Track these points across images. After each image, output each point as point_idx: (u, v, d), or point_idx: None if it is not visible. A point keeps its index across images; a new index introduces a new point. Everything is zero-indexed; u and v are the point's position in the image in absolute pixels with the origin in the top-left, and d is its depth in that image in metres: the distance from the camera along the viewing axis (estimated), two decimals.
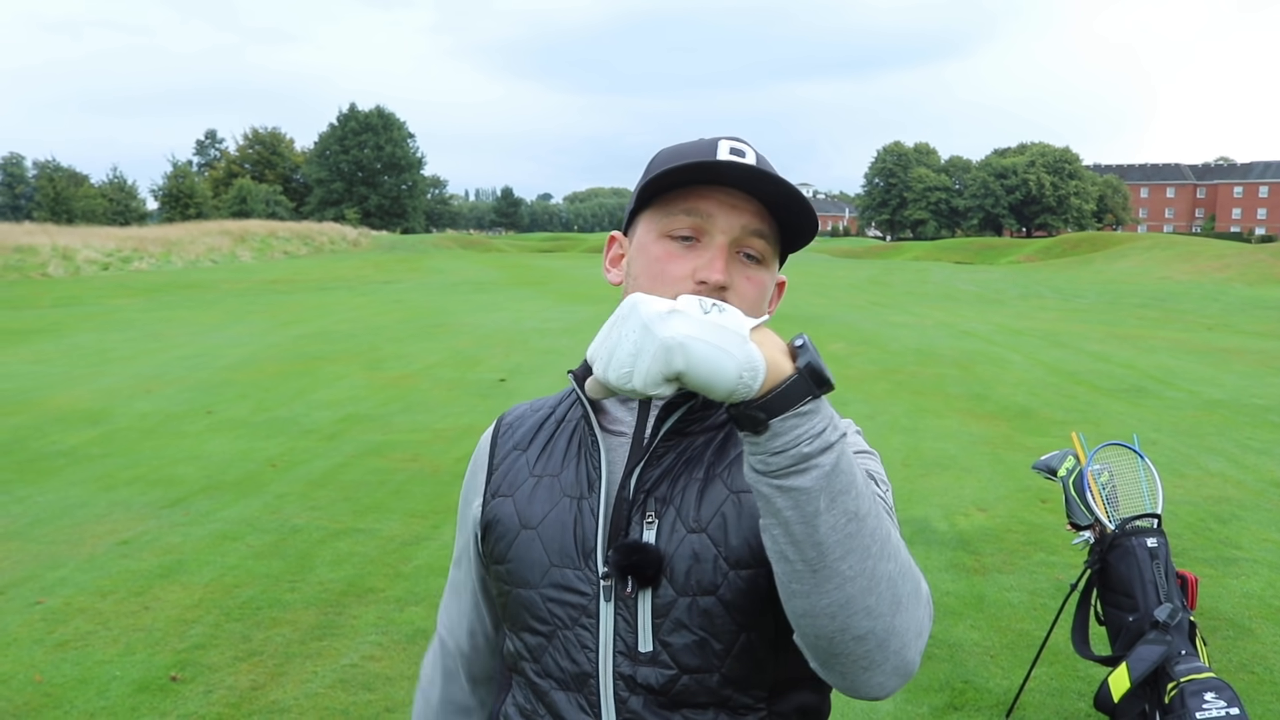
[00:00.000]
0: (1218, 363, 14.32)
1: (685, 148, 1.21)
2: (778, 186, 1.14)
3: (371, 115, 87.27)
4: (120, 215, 68.31)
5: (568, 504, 1.22)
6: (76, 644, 4.51)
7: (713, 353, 0.89)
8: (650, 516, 1.17)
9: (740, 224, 1.16)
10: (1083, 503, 3.67)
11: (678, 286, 1.15)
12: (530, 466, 1.28)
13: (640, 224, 1.23)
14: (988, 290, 31.45)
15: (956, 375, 12.69)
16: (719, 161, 1.13)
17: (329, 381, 11.69)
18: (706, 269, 1.14)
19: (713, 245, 1.16)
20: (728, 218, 1.15)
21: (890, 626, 0.97)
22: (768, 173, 1.13)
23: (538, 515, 1.23)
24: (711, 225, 1.16)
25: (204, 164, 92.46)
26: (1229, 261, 41.13)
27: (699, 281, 1.14)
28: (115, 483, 7.20)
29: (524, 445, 1.32)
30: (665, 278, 1.16)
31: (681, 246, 1.17)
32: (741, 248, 1.17)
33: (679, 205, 1.17)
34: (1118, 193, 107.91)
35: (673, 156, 1.20)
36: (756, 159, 1.17)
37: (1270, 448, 8.68)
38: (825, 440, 0.93)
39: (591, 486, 1.22)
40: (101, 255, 35.83)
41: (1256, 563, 5.77)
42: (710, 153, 1.16)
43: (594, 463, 1.22)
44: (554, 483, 1.25)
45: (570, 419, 1.31)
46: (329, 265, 39.40)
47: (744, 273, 1.17)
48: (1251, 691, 4.16)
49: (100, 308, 21.45)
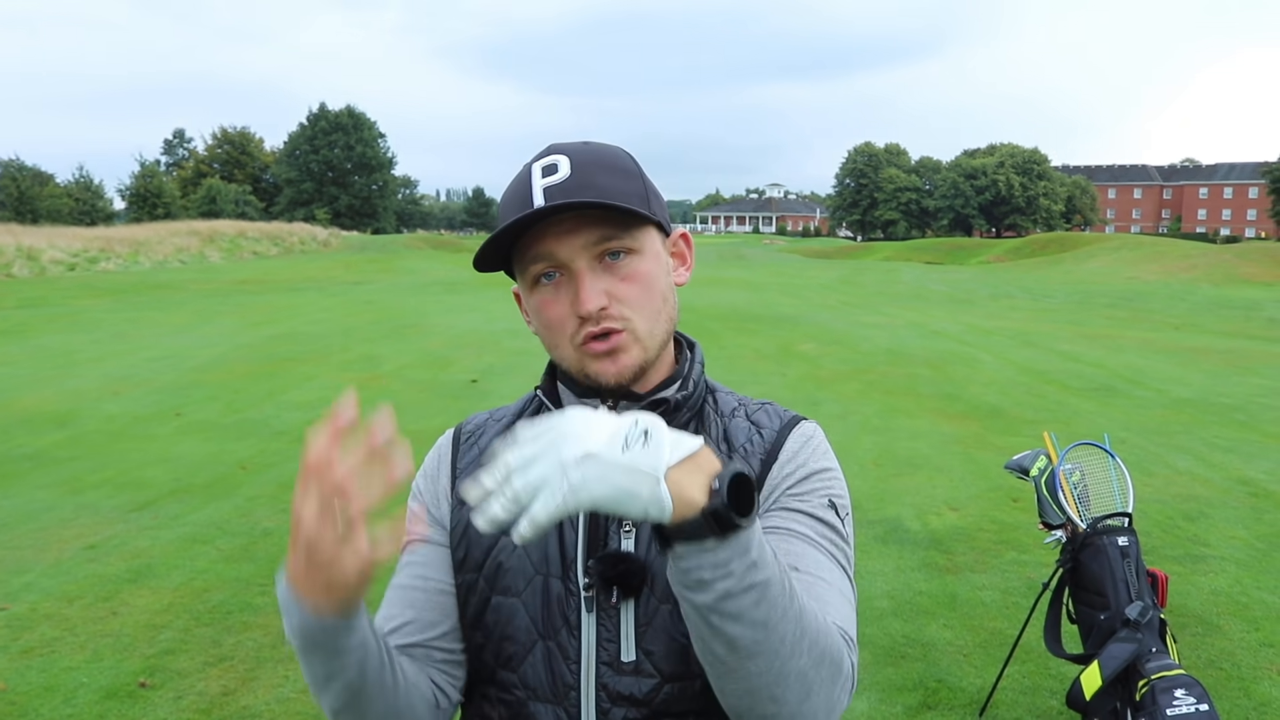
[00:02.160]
0: (1185, 362, 14.48)
1: (509, 192, 1.19)
2: (587, 203, 1.12)
3: (342, 115, 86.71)
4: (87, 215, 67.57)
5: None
6: (42, 651, 4.45)
7: (619, 496, 0.88)
8: (628, 526, 1.17)
9: (580, 245, 1.14)
10: (1055, 502, 3.69)
11: (565, 327, 1.16)
12: None
13: (516, 278, 1.22)
14: (958, 290, 31.66)
15: (928, 375, 12.76)
16: (529, 213, 1.11)
17: (299, 383, 11.60)
18: (575, 303, 1.14)
19: (572, 276, 1.15)
20: (567, 246, 1.14)
21: (796, 712, 0.98)
22: (571, 201, 1.11)
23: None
24: (559, 259, 1.15)
25: (172, 163, 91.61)
26: (1195, 262, 41.62)
27: (579, 316, 1.14)
28: (82, 486, 7.11)
29: (488, 456, 1.28)
30: (551, 324, 1.17)
31: (550, 288, 1.17)
32: (600, 255, 1.15)
33: (526, 256, 1.16)
34: (1086, 193, 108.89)
35: (503, 206, 1.19)
36: (570, 166, 1.14)
37: (1236, 446, 8.78)
38: (729, 570, 0.91)
39: None
40: (67, 256, 35.42)
41: (1224, 560, 5.83)
42: (526, 190, 1.14)
43: None
44: None
45: None
46: (299, 266, 39.12)
47: (617, 275, 1.15)
48: (1220, 687, 4.20)
49: (66, 309, 21.19)
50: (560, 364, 1.22)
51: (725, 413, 1.29)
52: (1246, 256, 41.96)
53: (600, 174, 1.15)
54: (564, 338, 1.17)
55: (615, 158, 1.19)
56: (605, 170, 1.16)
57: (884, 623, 4.88)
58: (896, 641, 4.67)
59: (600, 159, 1.17)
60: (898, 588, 5.35)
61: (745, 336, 16.43)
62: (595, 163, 1.16)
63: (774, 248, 75.57)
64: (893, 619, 4.93)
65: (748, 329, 17.55)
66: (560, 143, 1.20)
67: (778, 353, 14.76)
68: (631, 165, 1.21)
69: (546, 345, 1.22)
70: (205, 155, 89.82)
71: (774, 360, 13.97)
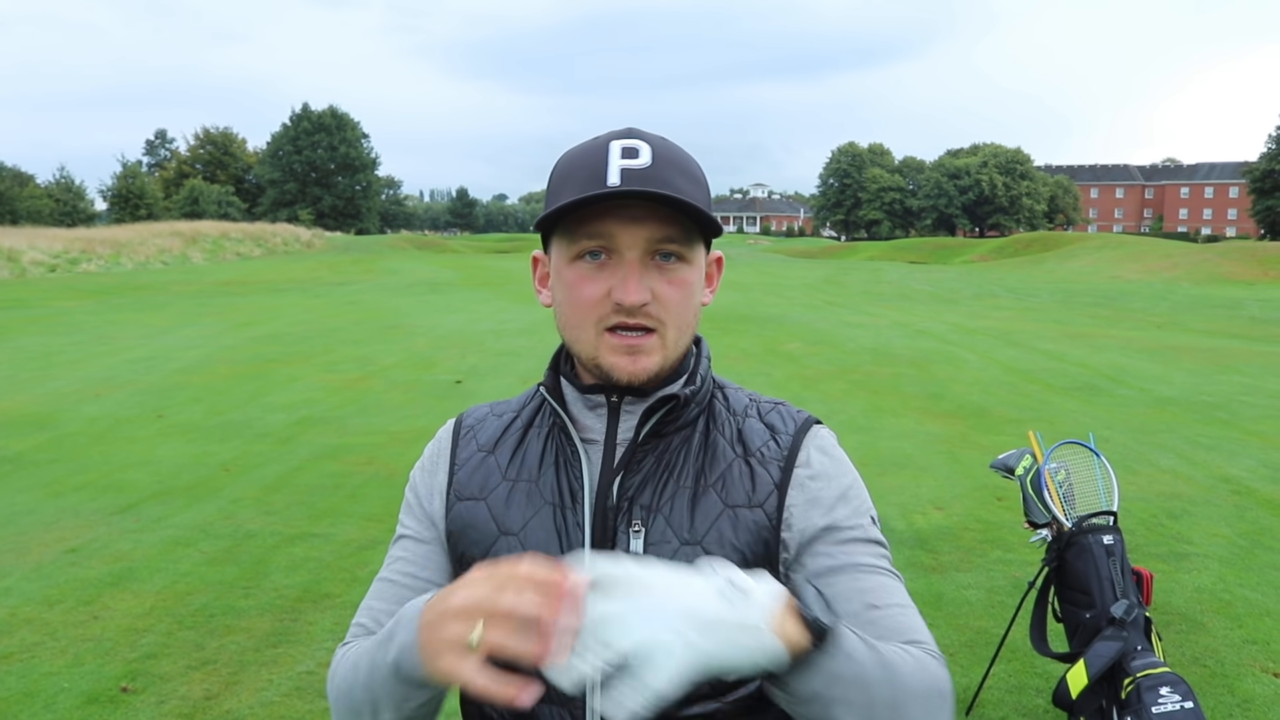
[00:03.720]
0: (1167, 360, 14.55)
1: (579, 158, 1.16)
2: (670, 199, 1.10)
3: (325, 115, 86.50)
4: (68, 216, 67.21)
5: (550, 512, 1.20)
6: (22, 656, 4.40)
7: (737, 653, 0.89)
8: (636, 525, 1.17)
9: (645, 236, 1.12)
10: (1040, 501, 3.69)
11: (597, 309, 1.14)
12: (502, 470, 1.25)
13: (554, 246, 1.20)
14: (942, 290, 31.76)
15: (912, 374, 12.79)
16: (608, 191, 1.09)
17: (283, 384, 11.54)
18: (621, 290, 1.12)
19: (623, 263, 1.13)
20: (631, 234, 1.12)
21: None
22: (658, 191, 1.09)
23: (517, 521, 1.21)
24: (617, 243, 1.13)
25: (154, 164, 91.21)
26: (1177, 261, 41.90)
27: (616, 303, 1.13)
28: (63, 489, 7.05)
29: (490, 448, 1.29)
30: (582, 302, 1.15)
31: (593, 266, 1.14)
32: (656, 252, 1.14)
33: (581, 229, 1.14)
34: (1068, 193, 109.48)
35: (568, 169, 1.16)
36: (652, 156, 1.13)
37: (1219, 444, 8.82)
38: (837, 674, 0.95)
39: (574, 496, 1.20)
40: (48, 257, 35.21)
41: (1207, 557, 5.86)
42: (602, 164, 1.12)
43: (574, 472, 1.21)
44: (531, 488, 1.22)
45: (540, 424, 1.28)
46: (282, 267, 38.96)
47: (664, 277, 1.14)
48: (1204, 684, 4.22)
49: (47, 310, 21.03)
50: (573, 346, 1.20)
51: (738, 411, 1.28)
52: (1228, 255, 42.29)
53: (677, 174, 1.13)
54: (589, 319, 1.15)
55: (690, 162, 1.18)
56: (681, 172, 1.14)
57: None
58: None
59: (678, 159, 1.15)
60: None
61: (730, 336, 16.43)
62: (674, 161, 1.14)
63: (758, 248, 75.85)
64: None
65: (733, 329, 17.56)
66: (638, 129, 1.18)
67: (763, 353, 14.77)
68: (701, 175, 1.19)
69: (565, 322, 1.20)
70: (188, 156, 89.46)
71: (759, 360, 13.97)
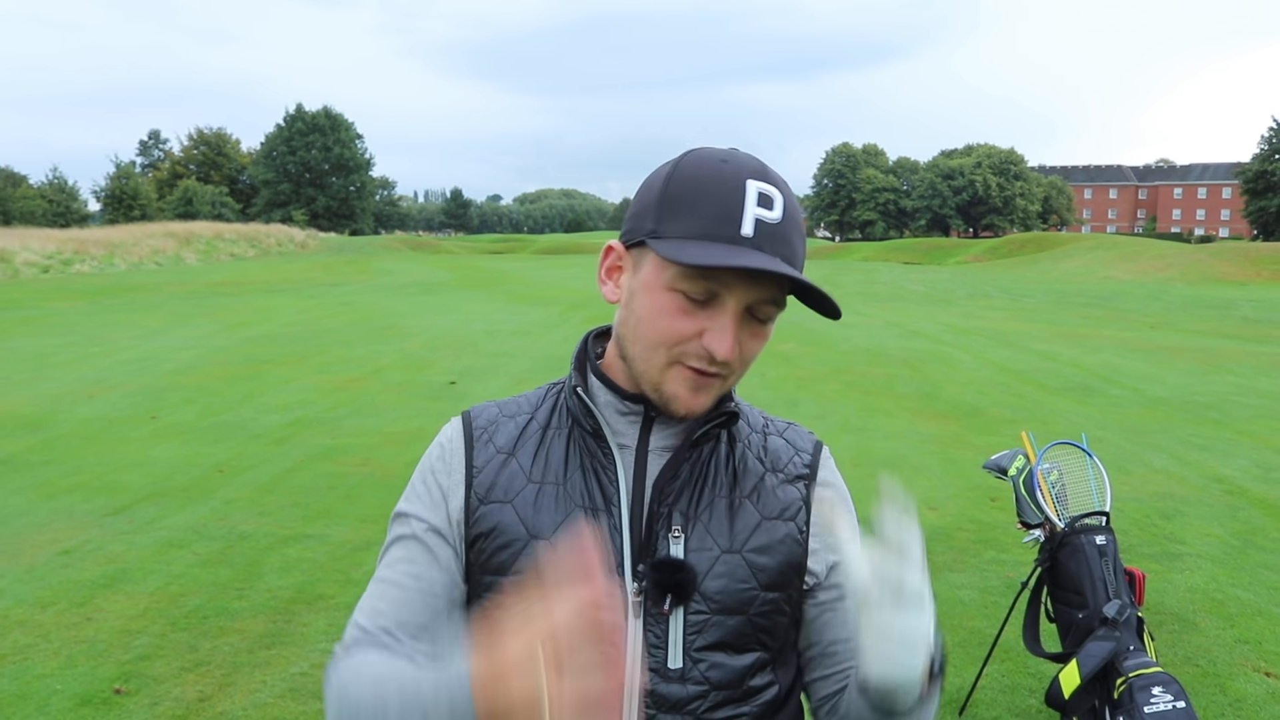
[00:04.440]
0: (1160, 361, 14.59)
1: (710, 184, 1.11)
2: (797, 280, 1.09)
3: (319, 116, 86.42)
4: (61, 217, 67.12)
5: (583, 516, 1.18)
6: (15, 657, 4.40)
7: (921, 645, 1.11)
8: (676, 531, 1.17)
9: (757, 296, 1.11)
10: (1033, 501, 3.71)
11: (682, 346, 1.12)
12: (526, 472, 1.22)
13: (649, 257, 1.13)
14: (936, 290, 31.81)
15: (906, 375, 12.81)
16: (750, 266, 1.05)
17: (277, 385, 11.52)
18: (718, 341, 1.10)
19: (725, 311, 1.11)
20: (747, 290, 1.10)
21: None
22: (790, 274, 1.07)
23: (548, 525, 1.18)
24: (728, 293, 1.10)
25: (148, 165, 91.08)
26: (1170, 261, 42.02)
27: (707, 351, 1.10)
28: (56, 490, 7.03)
29: (509, 449, 1.24)
30: (669, 333, 1.12)
31: (692, 304, 1.11)
32: (755, 312, 1.13)
33: (692, 269, 1.09)
34: (1062, 194, 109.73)
35: (696, 195, 1.11)
36: (783, 210, 1.11)
37: (1212, 444, 8.85)
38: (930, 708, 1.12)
39: (609, 500, 1.18)
40: (41, 257, 35.16)
41: (1200, 557, 5.88)
42: (737, 207, 1.09)
43: (609, 476, 1.20)
44: (560, 491, 1.20)
45: (558, 426, 1.25)
46: (276, 267, 38.92)
47: (751, 331, 1.15)
48: (1196, 684, 4.23)
49: (39, 311, 20.99)
50: (633, 362, 1.16)
51: (756, 427, 1.31)
52: (1220, 256, 42.41)
53: (796, 232, 1.13)
54: (663, 349, 1.12)
55: (799, 213, 1.16)
56: (796, 227, 1.13)
57: None
58: None
59: (794, 212, 1.13)
60: None
61: None
62: (796, 217, 1.13)
63: None
64: None
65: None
66: (767, 167, 1.14)
67: None
68: (802, 221, 1.18)
69: (635, 337, 1.15)
70: (181, 156, 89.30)
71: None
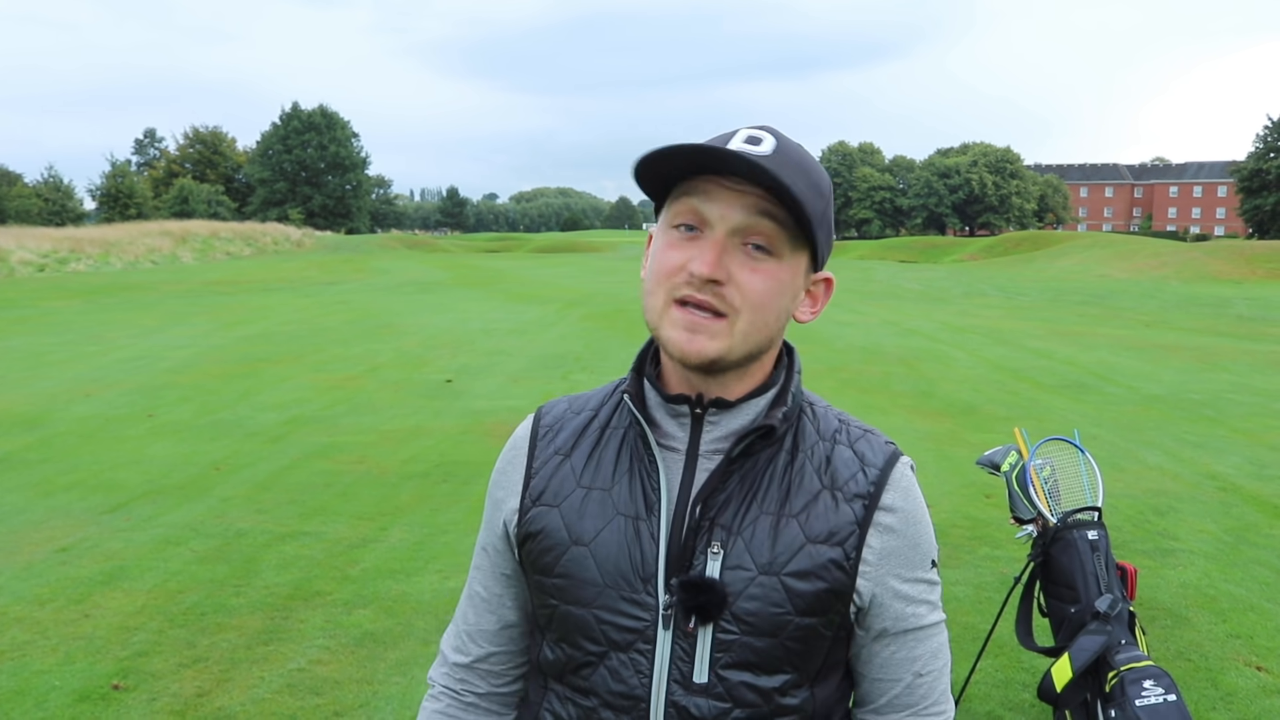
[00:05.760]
0: (1155, 359, 14.62)
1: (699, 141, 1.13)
2: (774, 177, 1.04)
3: (315, 114, 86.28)
4: (56, 215, 66.92)
5: (623, 523, 1.17)
6: (13, 654, 4.41)
7: None
8: (715, 547, 1.13)
9: (739, 211, 1.08)
10: (1025, 497, 3.73)
11: (671, 278, 1.10)
12: (577, 476, 1.21)
13: (660, 219, 1.17)
14: (932, 288, 31.83)
15: (902, 373, 12.83)
16: (708, 147, 1.05)
17: (273, 383, 11.53)
18: (698, 260, 1.07)
19: (710, 235, 1.09)
20: (724, 205, 1.08)
21: None
22: (756, 162, 1.03)
23: (589, 531, 1.17)
24: (710, 213, 1.08)
25: (143, 163, 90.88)
26: (1165, 260, 42.06)
27: (689, 273, 1.08)
28: (53, 488, 7.04)
29: (566, 450, 1.24)
30: (661, 269, 1.11)
31: (683, 236, 1.10)
32: (747, 238, 1.09)
33: (681, 194, 1.10)
34: (1058, 192, 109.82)
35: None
36: (775, 148, 1.08)
37: (1206, 441, 8.88)
38: None
39: (650, 508, 1.16)
40: (37, 256, 35.09)
41: (1192, 553, 5.90)
42: (722, 143, 1.09)
43: (652, 482, 1.17)
44: (605, 497, 1.18)
45: (616, 425, 1.24)
46: (272, 266, 38.88)
47: (749, 264, 1.09)
48: (1188, 678, 4.26)
49: (35, 310, 20.97)
50: (646, 316, 1.14)
51: (826, 435, 1.25)
52: (1216, 254, 42.45)
53: (799, 176, 1.08)
54: (664, 288, 1.11)
55: (817, 172, 1.12)
56: (804, 175, 1.09)
57: None
58: None
59: (804, 163, 1.10)
60: None
61: None
62: (798, 163, 1.09)
63: None
64: None
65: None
66: (770, 127, 1.13)
67: None
68: (827, 188, 1.14)
69: (645, 290, 1.15)
70: (177, 155, 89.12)
71: None
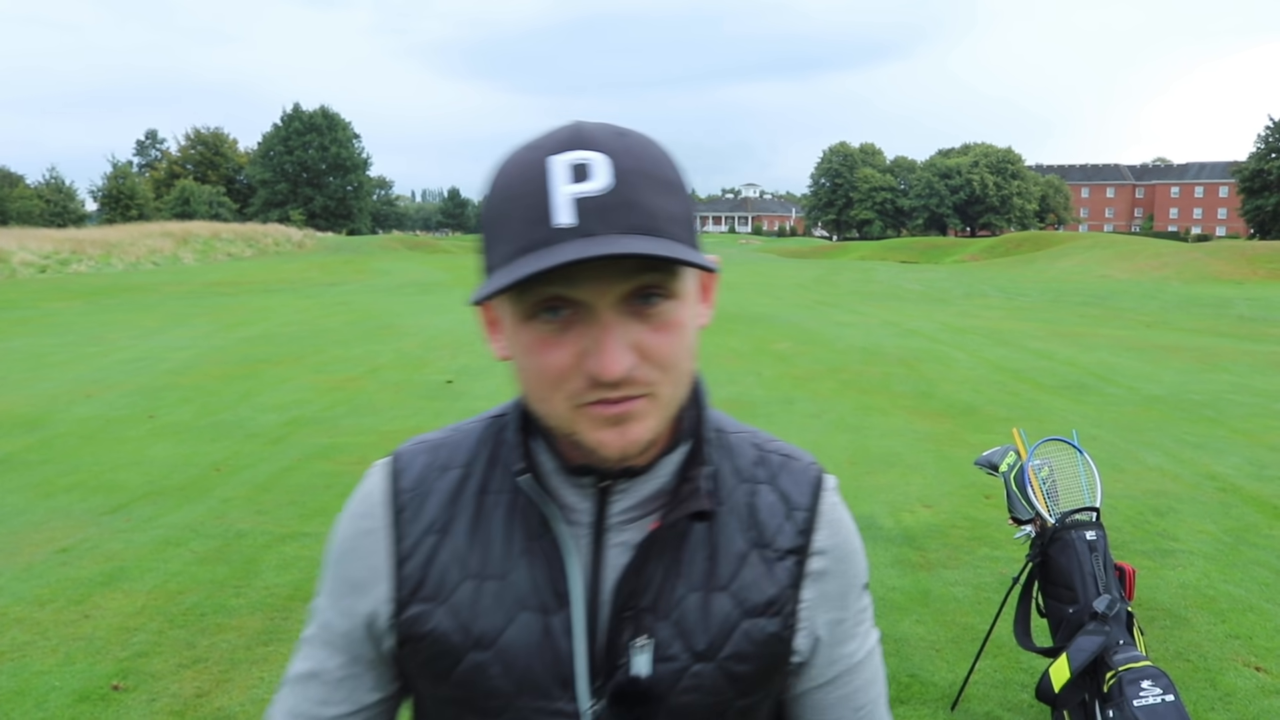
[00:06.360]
0: (1156, 360, 14.62)
1: (515, 183, 0.85)
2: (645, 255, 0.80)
3: (316, 115, 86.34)
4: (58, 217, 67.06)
5: (529, 620, 0.96)
6: (13, 655, 4.42)
7: None
8: (642, 638, 0.95)
9: (622, 285, 0.84)
10: (1023, 497, 3.73)
11: (567, 383, 0.86)
12: (461, 563, 0.98)
13: (501, 298, 0.89)
14: (933, 289, 31.83)
15: (902, 373, 12.83)
16: (557, 264, 0.79)
17: (274, 384, 11.54)
18: (595, 361, 0.84)
19: (593, 321, 0.84)
20: (592, 290, 0.84)
21: None
22: (632, 253, 0.80)
23: (490, 631, 0.96)
24: (580, 295, 0.84)
25: (145, 165, 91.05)
26: (1166, 260, 42.06)
27: (591, 377, 0.85)
28: (54, 489, 7.05)
29: (442, 527, 1.00)
30: (547, 374, 0.87)
31: (554, 327, 0.85)
32: (634, 297, 0.85)
33: (529, 286, 0.84)
34: (1059, 193, 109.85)
35: (503, 201, 0.86)
36: (612, 172, 0.83)
37: (1206, 442, 8.87)
38: None
39: (560, 599, 0.96)
40: (38, 257, 35.12)
41: (1192, 554, 5.90)
42: (542, 193, 0.82)
43: (558, 568, 0.96)
44: (502, 588, 0.97)
45: (498, 489, 1.00)
46: (274, 267, 38.90)
47: (649, 326, 0.86)
48: (1187, 679, 4.26)
49: (36, 311, 20.99)
50: (544, 420, 0.92)
51: (745, 474, 1.04)
52: (1217, 255, 42.45)
53: (647, 189, 0.84)
54: (559, 394, 0.87)
55: (660, 165, 0.87)
56: (652, 184, 0.85)
57: None
58: None
59: (647, 165, 0.85)
60: (871, 584, 5.37)
61: (721, 336, 16.46)
62: (642, 170, 0.85)
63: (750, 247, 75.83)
64: None
65: (723, 328, 17.59)
66: (588, 125, 0.86)
67: (753, 352, 14.80)
68: (676, 175, 0.89)
69: (529, 393, 0.92)
70: (178, 156, 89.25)
71: (749, 359, 14.00)
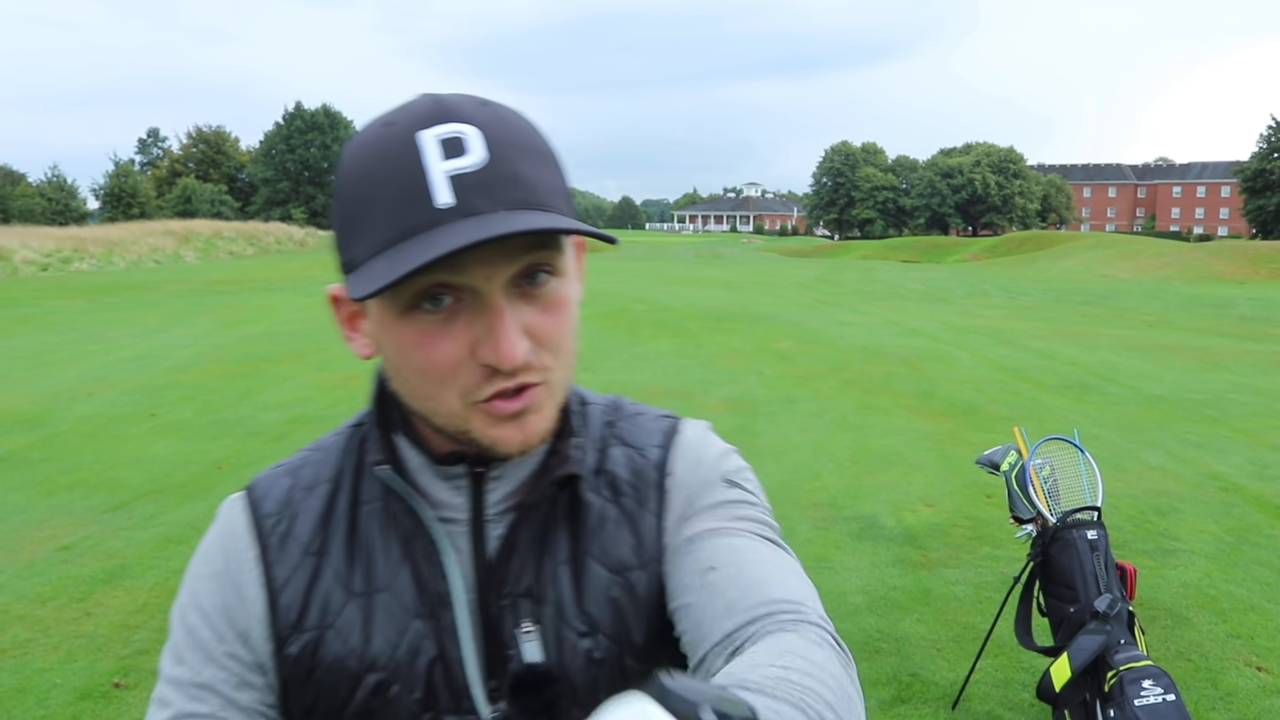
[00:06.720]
0: (1158, 359, 14.60)
1: (378, 164, 0.78)
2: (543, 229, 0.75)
3: (318, 114, 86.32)
4: (59, 215, 67.01)
5: (418, 629, 0.90)
6: (14, 652, 4.42)
7: None
8: (527, 625, 0.90)
9: (509, 266, 0.79)
10: (1025, 496, 3.73)
11: (460, 378, 0.81)
12: (342, 582, 0.91)
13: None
14: (934, 289, 31.81)
15: (904, 373, 12.82)
16: (448, 251, 0.72)
17: (276, 383, 11.55)
18: (490, 349, 0.79)
19: (483, 307, 0.79)
20: (479, 273, 0.78)
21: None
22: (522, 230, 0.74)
23: (382, 652, 0.89)
24: (467, 280, 0.78)
25: (147, 163, 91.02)
26: (1168, 260, 42.01)
27: (487, 367, 0.80)
28: (55, 487, 7.06)
29: (316, 549, 0.93)
30: (435, 369, 0.81)
31: (438, 319, 0.79)
32: (522, 276, 0.80)
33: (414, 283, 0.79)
34: (1061, 192, 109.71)
35: (367, 183, 0.78)
36: (486, 146, 0.77)
37: (1207, 441, 8.87)
38: None
39: (441, 601, 0.90)
40: (40, 256, 35.11)
41: (1193, 554, 5.90)
42: (416, 172, 0.76)
43: (436, 570, 0.90)
44: (387, 601, 0.90)
45: (370, 499, 0.94)
46: (275, 265, 38.91)
47: (538, 307, 0.81)
48: (1188, 678, 4.26)
49: (38, 309, 21.00)
50: (431, 419, 0.86)
51: (595, 439, 0.98)
52: (1219, 254, 42.39)
53: (524, 161, 0.79)
54: (450, 390, 0.81)
55: (530, 135, 0.82)
56: (528, 155, 0.79)
57: (858, 618, 4.91)
58: (870, 637, 4.70)
59: (515, 137, 0.80)
60: (872, 583, 5.39)
61: (722, 335, 16.46)
62: (512, 143, 0.79)
63: (751, 247, 75.81)
64: (867, 614, 4.97)
65: (725, 328, 17.59)
66: (447, 97, 0.80)
67: (754, 351, 14.80)
68: (547, 145, 0.83)
69: (409, 393, 0.85)
70: (180, 154, 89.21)
71: (751, 358, 14.00)
